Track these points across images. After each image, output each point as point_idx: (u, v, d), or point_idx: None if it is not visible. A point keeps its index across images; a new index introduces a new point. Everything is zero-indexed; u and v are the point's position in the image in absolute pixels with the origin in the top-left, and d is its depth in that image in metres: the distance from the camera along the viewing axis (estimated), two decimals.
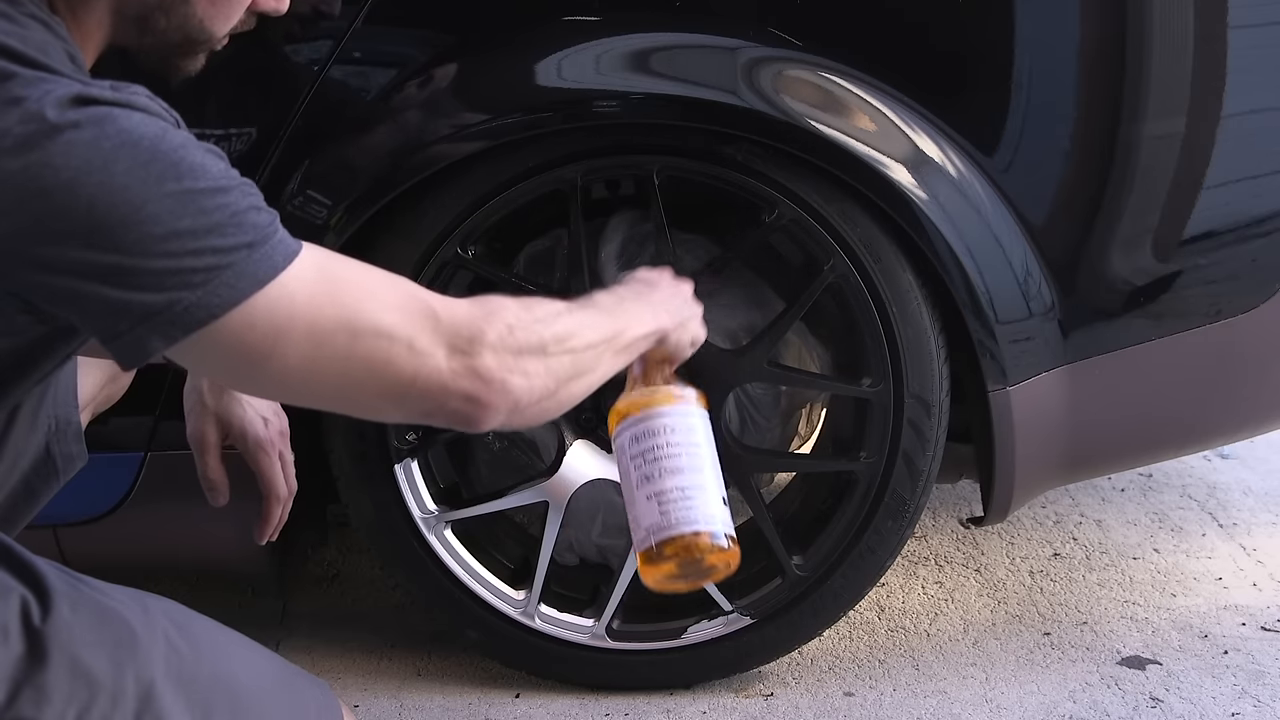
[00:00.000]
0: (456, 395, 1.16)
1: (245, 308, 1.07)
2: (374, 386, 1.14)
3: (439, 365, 1.15)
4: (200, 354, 1.09)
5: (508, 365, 1.18)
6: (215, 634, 1.27)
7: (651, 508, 1.41)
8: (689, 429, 1.43)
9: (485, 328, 1.17)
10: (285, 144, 1.86)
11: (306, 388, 1.15)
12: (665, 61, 1.88)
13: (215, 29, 1.24)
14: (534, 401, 1.21)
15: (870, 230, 1.91)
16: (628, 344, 1.35)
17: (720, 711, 2.07)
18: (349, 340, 1.12)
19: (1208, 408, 2.12)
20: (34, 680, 1.12)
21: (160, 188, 1.04)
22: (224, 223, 1.06)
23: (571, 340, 1.25)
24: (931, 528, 2.67)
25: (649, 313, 1.40)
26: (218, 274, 1.06)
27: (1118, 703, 2.07)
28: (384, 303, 1.15)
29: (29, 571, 1.18)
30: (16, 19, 1.11)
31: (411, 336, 1.14)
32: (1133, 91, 1.91)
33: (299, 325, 1.09)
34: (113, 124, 1.04)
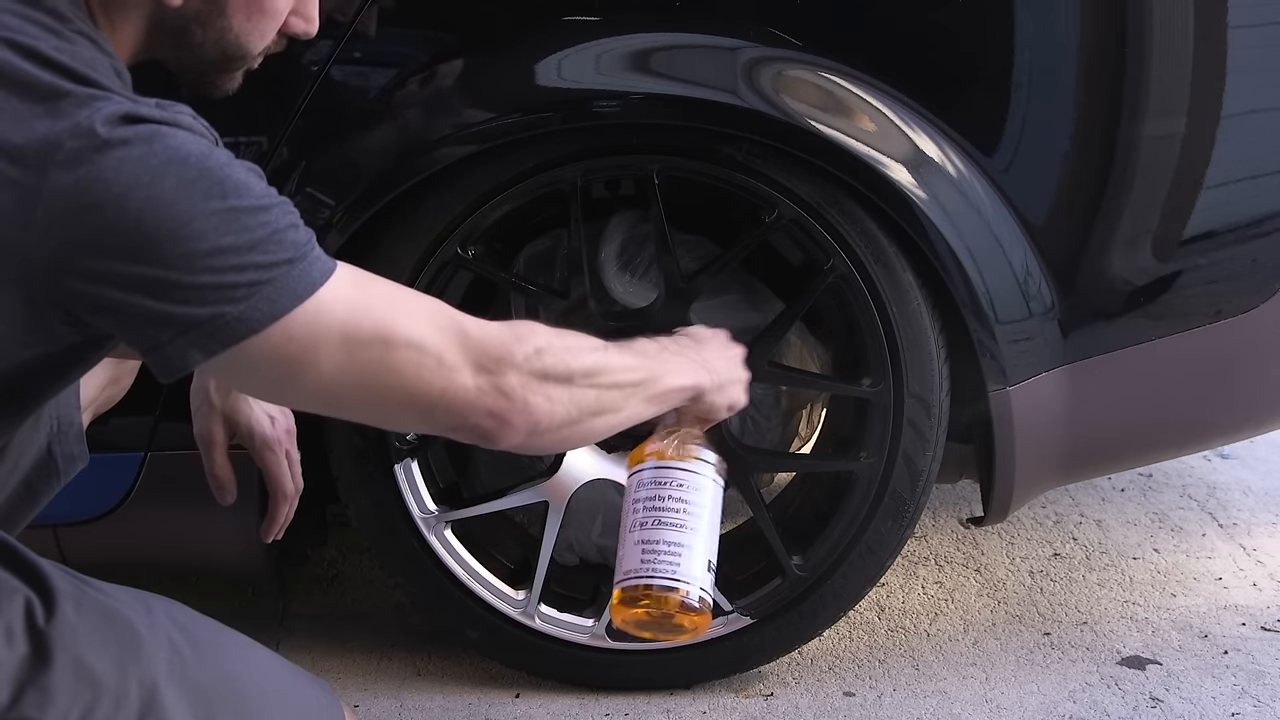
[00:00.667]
0: (480, 411, 1.20)
1: (285, 322, 1.10)
2: (403, 397, 1.18)
3: (466, 381, 1.18)
4: (238, 366, 1.12)
5: (531, 387, 1.21)
6: (218, 635, 1.27)
7: (636, 553, 1.45)
8: (698, 490, 1.46)
9: (514, 348, 1.21)
10: (285, 144, 1.86)
11: (338, 398, 1.18)
12: (665, 61, 1.88)
13: (251, 45, 1.26)
14: (554, 427, 1.24)
15: (870, 230, 1.91)
16: (660, 393, 1.36)
17: (720, 711, 2.07)
18: (382, 352, 1.15)
19: (1208, 408, 2.12)
20: (38, 681, 1.13)
21: (206, 205, 1.07)
22: (265, 239, 1.09)
23: (601, 376, 1.28)
24: (931, 528, 2.67)
25: (689, 368, 1.41)
26: (259, 289, 1.09)
27: (1118, 703, 2.07)
28: (416, 317, 1.18)
29: (33, 572, 1.18)
30: (66, 35, 1.13)
31: (442, 351, 1.17)
32: (1133, 91, 1.91)
33: (335, 338, 1.13)
34: (161, 142, 1.07)
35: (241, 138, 1.87)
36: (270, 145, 1.86)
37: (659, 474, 1.45)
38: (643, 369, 1.34)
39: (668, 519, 1.42)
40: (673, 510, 1.43)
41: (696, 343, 1.48)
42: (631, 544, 1.45)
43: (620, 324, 1.99)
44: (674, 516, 1.43)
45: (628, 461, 1.48)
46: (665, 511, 1.43)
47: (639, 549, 1.44)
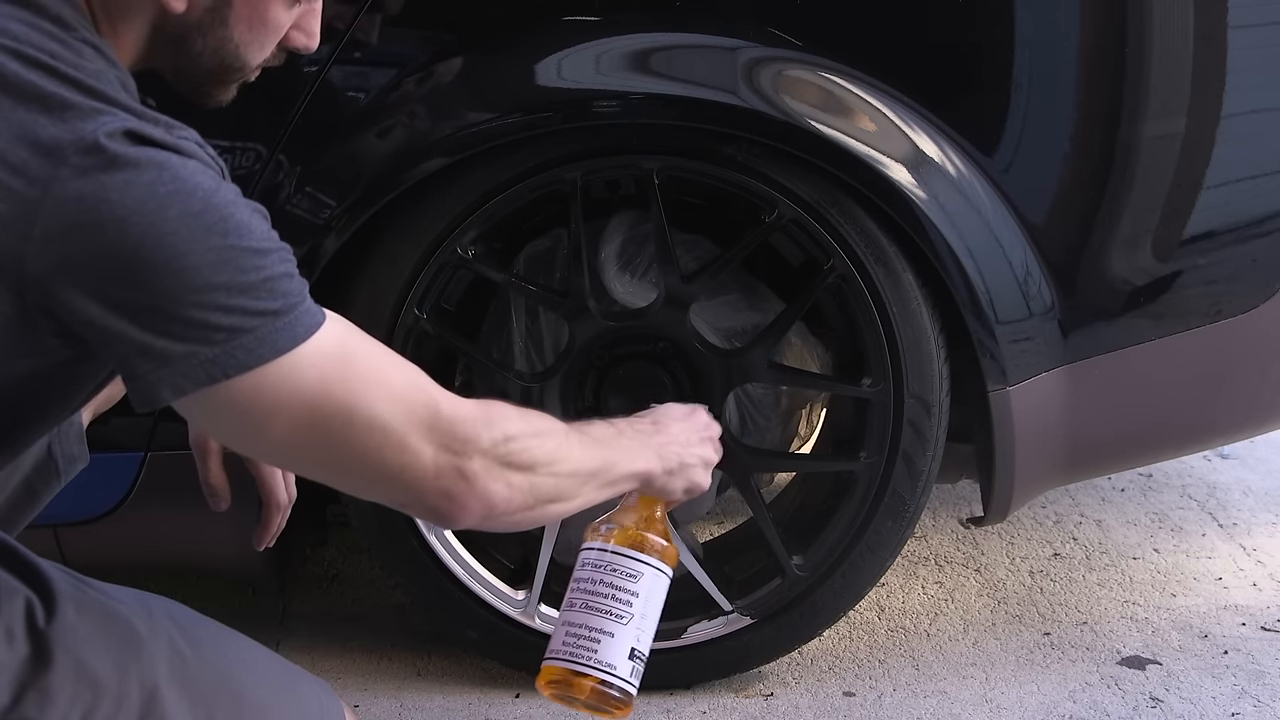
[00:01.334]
0: (436, 492, 1.19)
1: (256, 374, 1.09)
2: (358, 471, 1.17)
3: (426, 463, 1.17)
4: (201, 408, 1.11)
5: (494, 473, 1.21)
6: (218, 636, 1.27)
7: (561, 634, 1.46)
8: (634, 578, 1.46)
9: (483, 433, 1.20)
10: (285, 144, 1.86)
11: (293, 460, 1.19)
12: (665, 61, 1.88)
13: (249, 56, 1.25)
14: (509, 512, 1.24)
15: (870, 230, 1.91)
16: (613, 480, 1.37)
17: (720, 711, 2.07)
18: (344, 427, 1.14)
19: (1208, 408, 2.12)
20: (38, 682, 1.13)
21: (205, 240, 1.07)
22: (256, 285, 1.09)
23: (560, 465, 1.28)
24: (931, 528, 2.67)
25: (643, 454, 1.41)
26: (238, 336, 1.08)
27: (1118, 703, 2.07)
28: (389, 393, 1.16)
29: (34, 573, 1.18)
30: (71, 44, 1.12)
31: (405, 433, 1.16)
32: (1133, 91, 1.91)
33: (302, 402, 1.12)
34: (170, 170, 1.07)
35: (241, 138, 1.87)
36: (270, 146, 1.86)
37: (600, 556, 1.47)
38: (598, 457, 1.34)
39: (595, 604, 1.44)
40: (602, 596, 1.45)
41: (657, 426, 1.47)
42: (560, 624, 1.47)
43: (620, 324, 2.00)
44: (603, 603, 1.44)
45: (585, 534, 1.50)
46: (596, 597, 1.45)
47: (563, 630, 1.46)
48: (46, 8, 1.13)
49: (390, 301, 1.94)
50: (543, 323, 2.09)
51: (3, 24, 1.11)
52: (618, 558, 1.46)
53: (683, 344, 2.00)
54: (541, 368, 2.07)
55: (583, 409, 2.07)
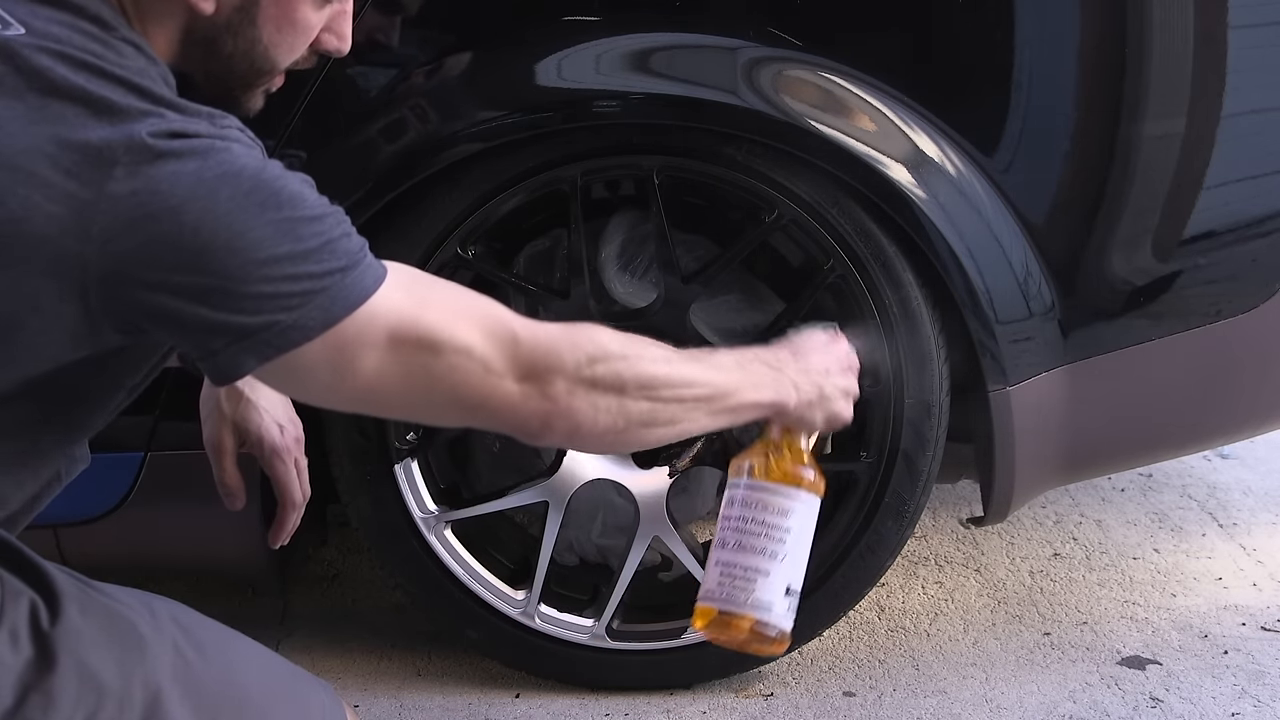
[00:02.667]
0: (523, 414, 1.20)
1: (338, 329, 1.11)
2: (447, 400, 1.19)
3: (510, 387, 1.19)
4: (289, 372, 1.13)
5: (578, 394, 1.21)
6: (222, 638, 1.27)
7: (715, 574, 1.44)
8: (785, 514, 1.44)
9: (565, 356, 1.21)
10: (285, 144, 1.86)
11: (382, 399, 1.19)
12: (665, 61, 1.87)
13: (278, 58, 1.26)
14: (596, 434, 1.24)
15: (870, 230, 1.91)
16: (731, 408, 1.33)
17: (720, 711, 2.07)
18: (429, 358, 1.16)
19: (1208, 408, 2.12)
20: (42, 685, 1.13)
21: (261, 216, 1.08)
22: (319, 249, 1.11)
23: (659, 390, 1.26)
24: (931, 528, 2.67)
25: (772, 383, 1.37)
26: (313, 298, 1.10)
27: (1118, 703, 2.07)
28: (466, 323, 1.18)
29: (38, 574, 1.18)
30: (113, 44, 1.13)
31: (488, 358, 1.17)
32: (1133, 91, 1.91)
33: (384, 343, 1.14)
34: (215, 156, 1.09)
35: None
36: (270, 146, 1.85)
37: (749, 494, 1.43)
38: (713, 384, 1.31)
39: (749, 542, 1.42)
40: (755, 534, 1.42)
41: (795, 355, 1.43)
42: (712, 564, 1.44)
43: (620, 324, 1.99)
44: (755, 540, 1.42)
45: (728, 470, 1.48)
46: (747, 535, 1.42)
47: (718, 570, 1.43)
48: (85, 8, 1.14)
49: None
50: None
51: (44, 27, 1.12)
52: (768, 494, 1.42)
53: (683, 344, 1.99)
54: None
55: None
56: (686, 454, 2.07)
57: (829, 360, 1.45)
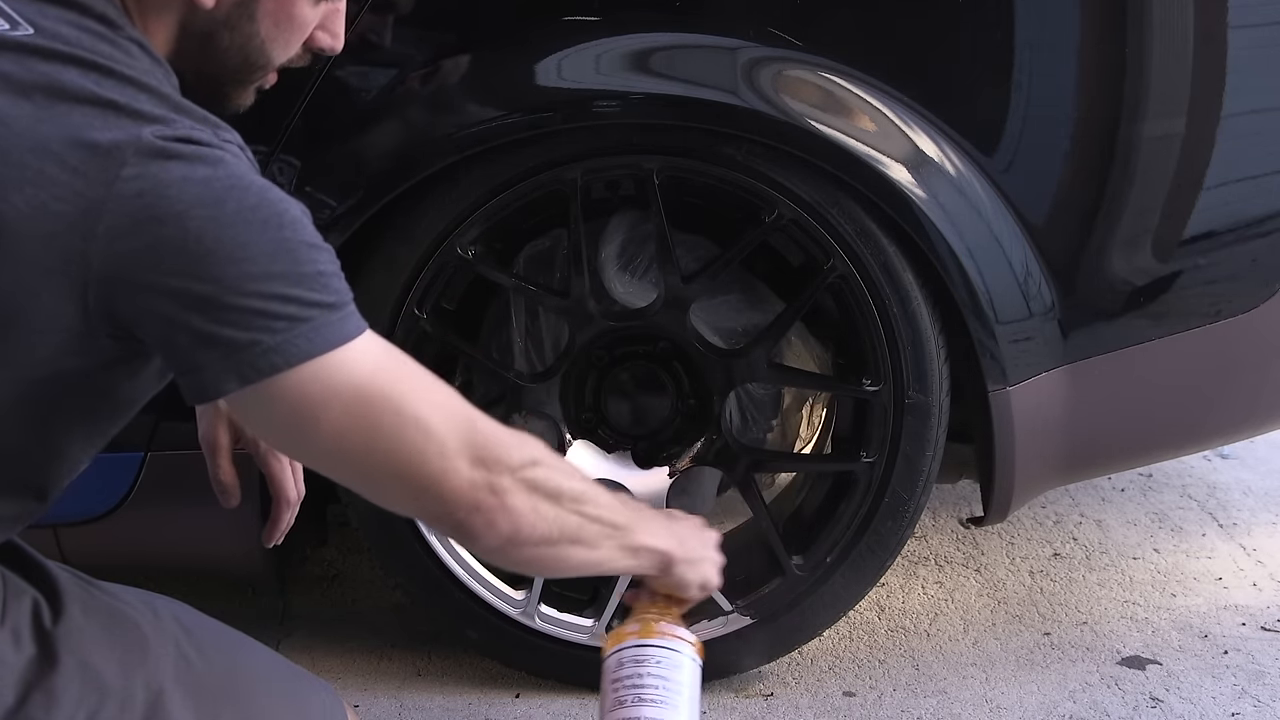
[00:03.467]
0: (468, 505, 1.18)
1: (317, 364, 1.11)
2: (398, 474, 1.17)
3: (463, 473, 1.17)
4: (259, 403, 1.12)
5: (521, 494, 1.20)
6: (223, 638, 1.27)
7: None
8: (677, 668, 1.46)
9: (514, 453, 1.20)
10: (285, 144, 1.86)
11: (338, 461, 1.18)
12: (665, 61, 1.87)
13: (274, 54, 1.27)
14: (533, 541, 1.22)
15: (870, 230, 1.91)
16: (635, 546, 1.34)
17: (720, 711, 2.07)
18: (394, 424, 1.15)
19: (1208, 408, 2.12)
20: (44, 683, 1.13)
21: (263, 232, 1.09)
22: (313, 277, 1.11)
23: (586, 505, 1.27)
24: (931, 528, 2.67)
25: (664, 533, 1.39)
26: (298, 325, 1.10)
27: (1118, 703, 2.07)
28: (433, 399, 1.18)
29: (41, 574, 1.18)
30: (120, 44, 1.14)
31: (446, 439, 1.17)
32: (1133, 91, 1.91)
33: (355, 396, 1.13)
34: (224, 167, 1.10)
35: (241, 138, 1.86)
36: (270, 145, 1.86)
37: (639, 652, 1.45)
38: (623, 515, 1.32)
39: (648, 695, 1.44)
40: (652, 688, 1.44)
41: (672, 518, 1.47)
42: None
43: (620, 324, 2.00)
44: (653, 694, 1.43)
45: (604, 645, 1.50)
46: (645, 689, 1.44)
47: None
48: (91, 7, 1.14)
49: (390, 301, 1.94)
50: (543, 323, 2.09)
51: (53, 27, 1.12)
52: (659, 650, 1.45)
53: (683, 344, 2.00)
54: (541, 368, 2.07)
55: (583, 409, 2.07)
56: (686, 454, 2.07)
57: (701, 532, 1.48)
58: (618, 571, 1.42)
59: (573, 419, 2.07)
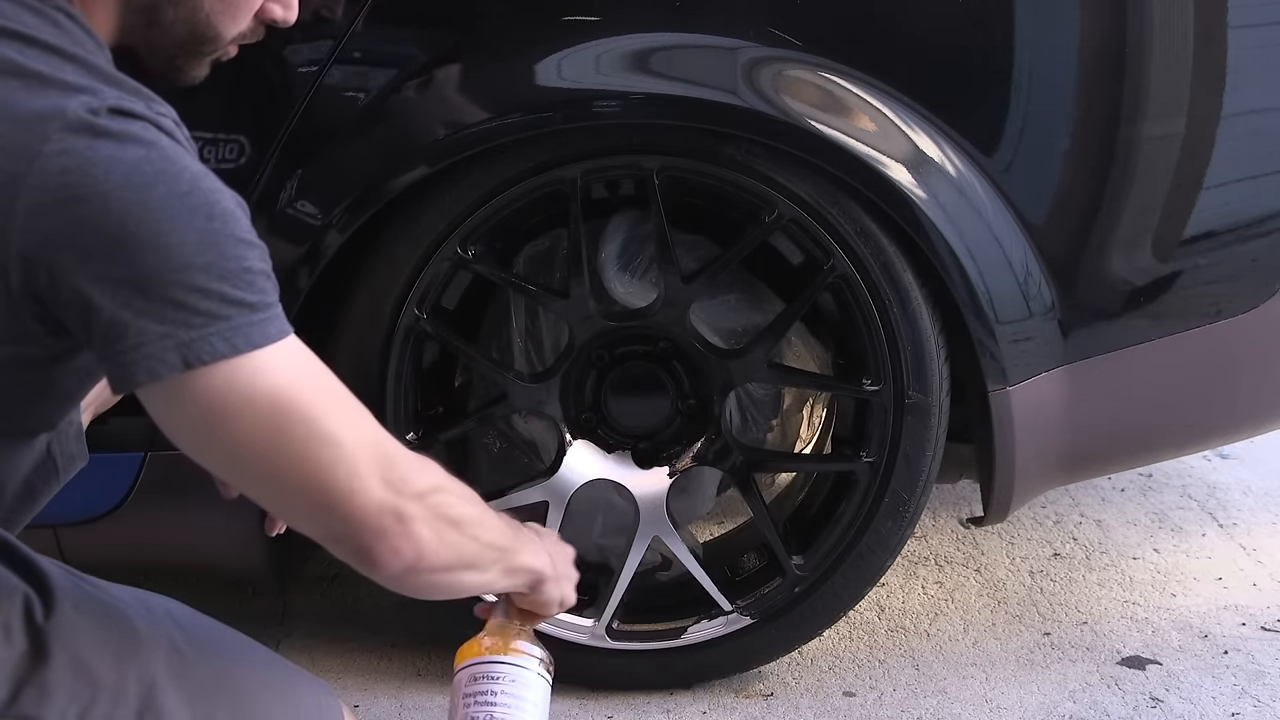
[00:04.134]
0: (374, 529, 1.14)
1: (231, 365, 1.07)
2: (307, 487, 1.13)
3: (371, 494, 1.14)
4: (170, 400, 1.09)
5: (427, 519, 1.17)
6: (217, 634, 1.27)
7: None
8: (525, 686, 1.46)
9: (422, 479, 1.18)
10: (285, 144, 1.86)
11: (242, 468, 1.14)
12: (665, 61, 1.87)
13: (222, 28, 1.24)
14: (432, 568, 1.19)
15: (870, 230, 1.91)
16: (515, 567, 1.35)
17: (720, 711, 2.07)
18: (305, 436, 1.11)
19: (1208, 408, 2.12)
20: (36, 678, 1.13)
21: (191, 220, 1.06)
22: (238, 274, 1.08)
23: (482, 531, 1.25)
24: (931, 528, 2.67)
25: (540, 551, 1.40)
26: (215, 323, 1.06)
27: (1118, 703, 2.07)
28: (346, 416, 1.14)
29: (32, 570, 1.18)
30: (47, 14, 1.11)
31: (357, 457, 1.13)
32: (1133, 91, 1.91)
33: (269, 403, 1.09)
34: (158, 149, 1.06)
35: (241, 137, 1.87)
36: (270, 145, 1.86)
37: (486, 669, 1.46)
38: (508, 536, 1.32)
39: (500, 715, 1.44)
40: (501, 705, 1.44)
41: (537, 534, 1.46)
42: None
43: (620, 324, 1.99)
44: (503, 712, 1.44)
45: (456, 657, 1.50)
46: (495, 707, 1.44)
47: None
48: None
49: (390, 301, 1.94)
50: (542, 323, 2.09)
51: None
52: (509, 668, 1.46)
53: (683, 344, 2.00)
54: (541, 368, 2.07)
55: (583, 409, 2.07)
56: (687, 454, 2.07)
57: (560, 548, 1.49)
58: (496, 591, 1.42)
59: (572, 419, 2.07)
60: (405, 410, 2.00)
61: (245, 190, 1.84)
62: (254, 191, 1.85)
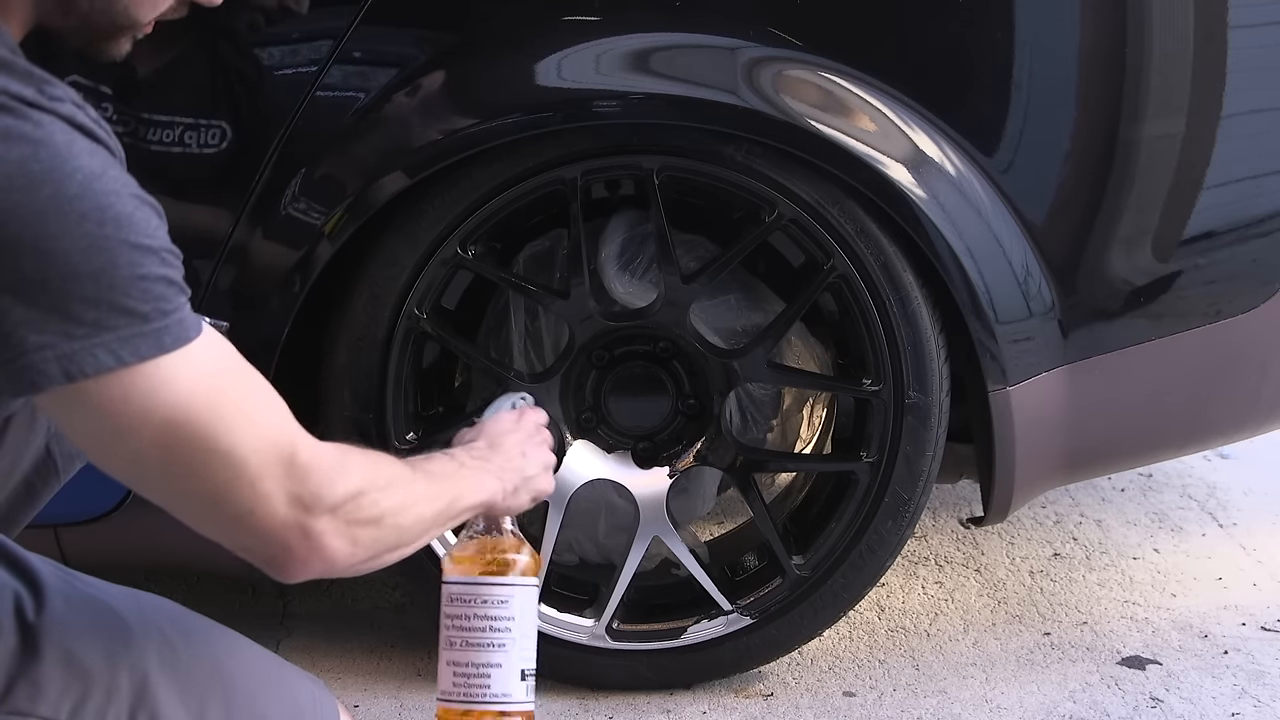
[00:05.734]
0: (278, 544, 1.14)
1: (121, 377, 1.03)
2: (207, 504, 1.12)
3: (274, 510, 1.12)
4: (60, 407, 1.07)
5: (338, 531, 1.15)
6: (210, 630, 1.27)
7: (448, 674, 1.46)
8: (504, 603, 1.47)
9: (337, 487, 1.15)
10: (285, 144, 1.86)
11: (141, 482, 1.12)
12: (665, 61, 1.88)
13: (139, 15, 1.19)
14: (350, 565, 1.19)
15: (870, 230, 1.91)
16: (457, 513, 1.35)
17: (720, 711, 2.07)
18: (203, 455, 1.08)
19: (1208, 408, 2.12)
20: (28, 674, 1.13)
21: (78, 226, 1.00)
22: (128, 282, 1.02)
23: (405, 514, 1.24)
24: (931, 528, 2.67)
25: (485, 481, 1.39)
26: (99, 334, 1.01)
27: (1118, 703, 2.07)
28: (252, 428, 1.11)
29: (22, 567, 1.18)
30: None
31: (260, 475, 1.10)
32: (1133, 91, 1.91)
33: (161, 419, 1.06)
34: (49, 148, 1.01)
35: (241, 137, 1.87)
36: (270, 146, 1.86)
37: (466, 590, 1.46)
38: (442, 497, 1.31)
39: (475, 639, 1.44)
40: (479, 629, 1.44)
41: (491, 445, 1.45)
42: (444, 665, 1.46)
43: (620, 324, 1.99)
44: (481, 636, 1.44)
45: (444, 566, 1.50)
46: (472, 632, 1.44)
47: (450, 671, 1.45)
48: None
49: (390, 302, 1.94)
50: (542, 323, 2.09)
51: None
52: (484, 588, 1.46)
53: (683, 344, 2.00)
54: (541, 368, 2.07)
55: (583, 409, 2.07)
56: (687, 454, 2.07)
57: (522, 439, 1.48)
58: None
59: (572, 419, 2.07)
60: (405, 410, 2.00)
61: (245, 192, 1.85)
62: (254, 192, 1.85)
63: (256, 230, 1.88)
